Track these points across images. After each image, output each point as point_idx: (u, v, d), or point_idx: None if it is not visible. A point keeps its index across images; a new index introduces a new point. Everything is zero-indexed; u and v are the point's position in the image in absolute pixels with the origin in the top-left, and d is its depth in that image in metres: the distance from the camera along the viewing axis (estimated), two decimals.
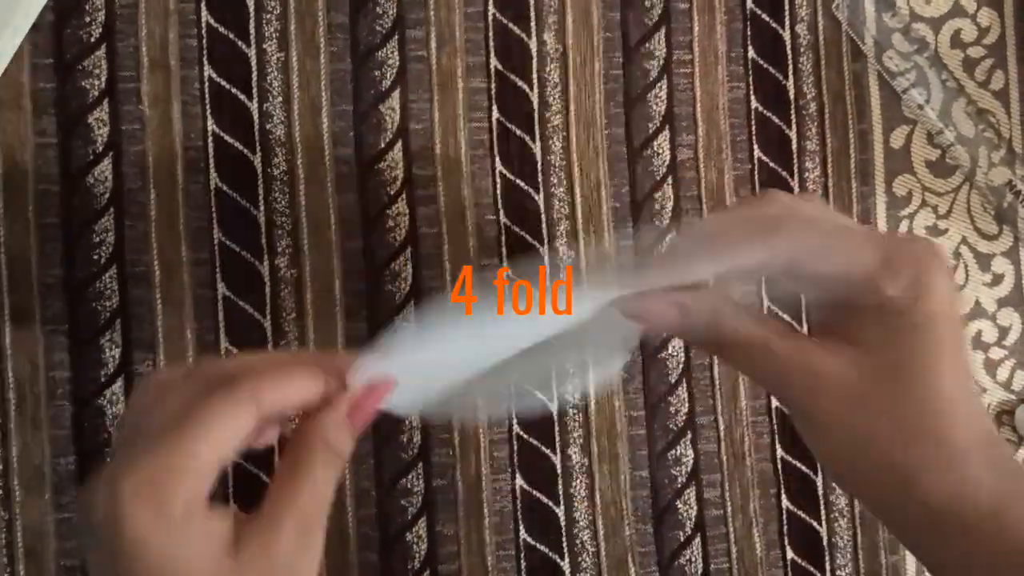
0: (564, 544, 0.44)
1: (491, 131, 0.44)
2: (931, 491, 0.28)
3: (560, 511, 0.44)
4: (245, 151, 0.42)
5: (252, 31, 0.42)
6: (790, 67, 0.46)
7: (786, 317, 0.45)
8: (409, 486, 0.42)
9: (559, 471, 0.44)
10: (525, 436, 0.43)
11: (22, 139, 0.41)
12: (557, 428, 0.44)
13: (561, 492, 0.44)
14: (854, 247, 0.28)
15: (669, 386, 0.45)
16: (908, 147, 0.47)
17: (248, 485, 0.41)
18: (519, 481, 0.43)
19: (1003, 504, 0.27)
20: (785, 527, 0.45)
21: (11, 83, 0.40)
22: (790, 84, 0.46)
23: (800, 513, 0.45)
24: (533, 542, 0.43)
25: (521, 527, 0.43)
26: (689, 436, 0.45)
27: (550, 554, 0.43)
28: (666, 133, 0.45)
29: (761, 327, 0.30)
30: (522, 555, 0.43)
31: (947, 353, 0.28)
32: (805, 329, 0.45)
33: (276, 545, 0.28)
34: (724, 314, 0.30)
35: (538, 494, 0.43)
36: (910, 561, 0.46)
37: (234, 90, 0.42)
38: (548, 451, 0.44)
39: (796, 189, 0.46)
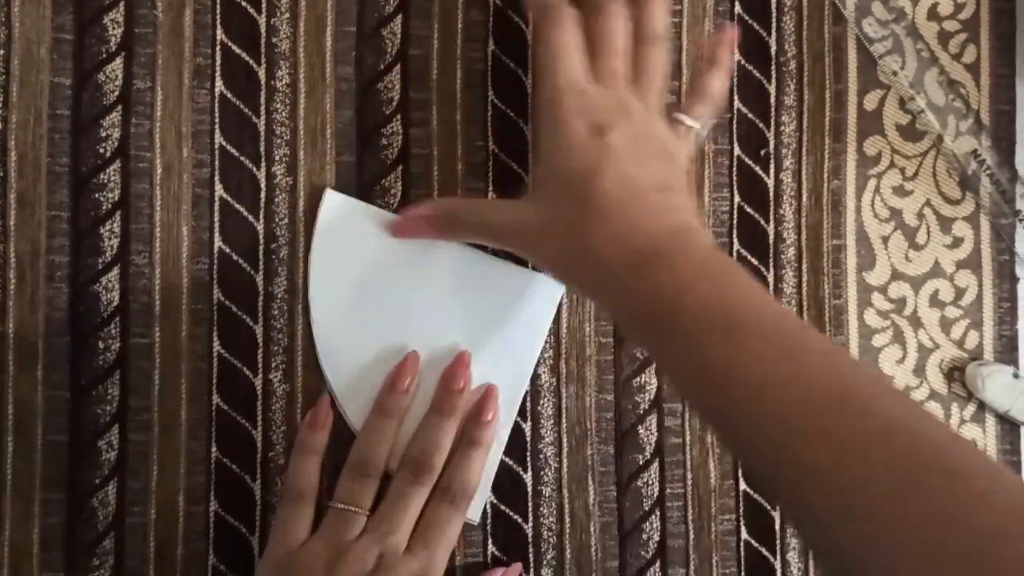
0: (528, 459, 0.46)
1: (487, 62, 0.46)
2: (593, 244, 0.36)
3: (527, 427, 0.46)
4: (251, 62, 0.44)
5: None
6: (773, 25, 0.49)
7: None
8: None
9: (527, 389, 0.46)
10: None
11: (40, 33, 0.43)
12: None
13: (529, 409, 0.46)
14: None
15: None
16: (881, 110, 0.50)
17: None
18: None
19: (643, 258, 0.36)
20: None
21: None
22: (772, 41, 0.49)
23: None
24: (502, 456, 0.45)
25: None
26: (654, 365, 0.47)
27: (515, 467, 0.46)
28: None
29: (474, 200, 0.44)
30: None
31: (550, 128, 0.39)
32: None
33: None
34: (457, 203, 0.44)
35: None
36: None
37: (243, 3, 0.44)
38: None
39: (772, 141, 0.48)
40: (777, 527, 0.48)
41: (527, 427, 0.46)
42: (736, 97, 0.48)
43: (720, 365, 0.32)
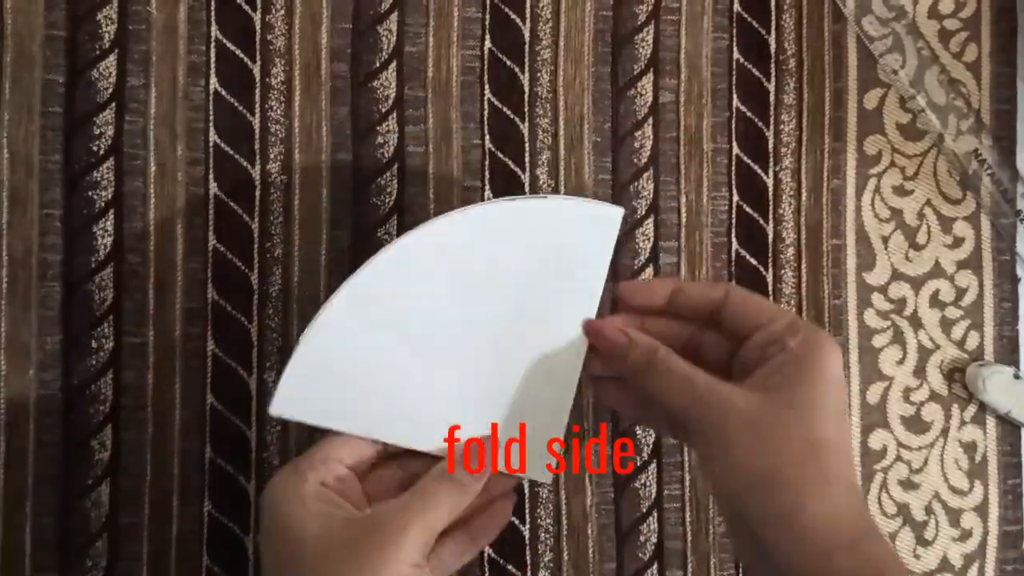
0: None
1: (482, 59, 0.46)
2: (812, 512, 0.33)
3: None
4: (245, 59, 0.44)
5: None
6: (773, 23, 0.48)
7: None
8: None
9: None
10: None
11: (32, 30, 0.42)
12: None
13: None
14: (775, 309, 0.38)
15: None
16: (881, 109, 0.49)
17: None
18: None
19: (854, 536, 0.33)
20: None
21: None
22: (772, 39, 0.48)
23: None
24: None
25: None
26: None
27: None
28: (650, 76, 0.47)
29: (689, 365, 0.37)
30: None
31: (830, 398, 0.35)
32: None
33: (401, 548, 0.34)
34: (660, 349, 0.37)
35: None
36: None
37: None
38: None
39: (771, 140, 0.48)
40: None
41: None
42: (735, 96, 0.48)
43: None
